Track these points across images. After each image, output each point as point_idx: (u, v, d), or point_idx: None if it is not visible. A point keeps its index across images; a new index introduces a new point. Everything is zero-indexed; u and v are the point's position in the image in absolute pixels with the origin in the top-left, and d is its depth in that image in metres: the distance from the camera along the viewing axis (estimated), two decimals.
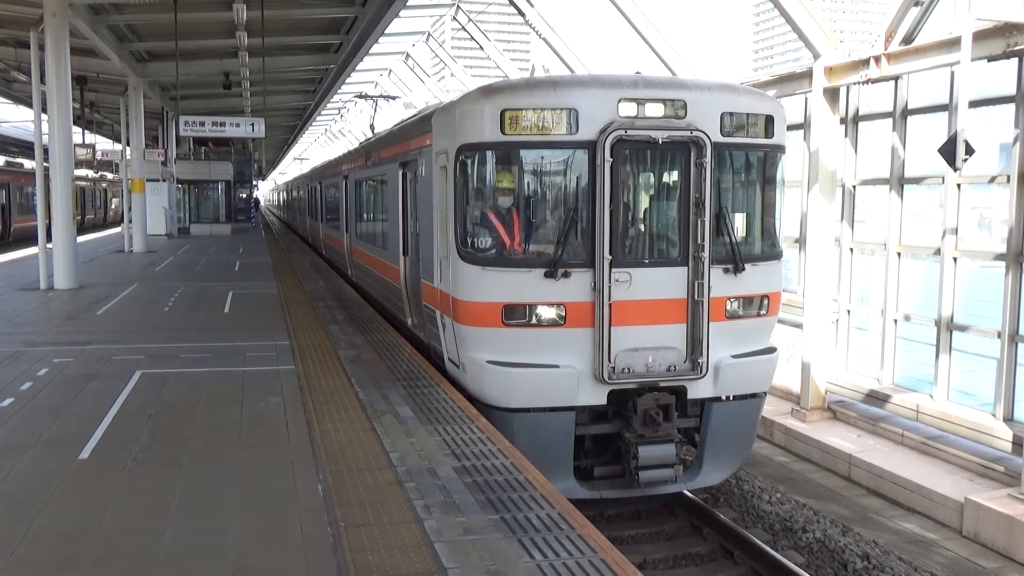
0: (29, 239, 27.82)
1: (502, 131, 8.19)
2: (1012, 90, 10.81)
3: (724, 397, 8.83)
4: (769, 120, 8.88)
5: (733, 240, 8.70)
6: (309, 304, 15.35)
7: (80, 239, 23.75)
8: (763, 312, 9.06)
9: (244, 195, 49.14)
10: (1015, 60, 10.56)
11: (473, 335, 8.61)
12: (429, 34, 33.33)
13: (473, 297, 8.51)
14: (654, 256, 8.67)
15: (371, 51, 28.40)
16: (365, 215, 17.19)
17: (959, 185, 11.68)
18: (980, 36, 10.12)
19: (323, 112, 49.59)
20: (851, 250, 13.96)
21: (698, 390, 8.69)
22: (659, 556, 8.67)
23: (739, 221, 9.05)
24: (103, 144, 46.34)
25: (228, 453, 6.98)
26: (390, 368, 9.89)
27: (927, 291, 12.62)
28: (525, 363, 8.32)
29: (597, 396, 8.45)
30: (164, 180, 36.51)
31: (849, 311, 14.04)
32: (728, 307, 8.74)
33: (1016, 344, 10.86)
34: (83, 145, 35.01)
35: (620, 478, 8.74)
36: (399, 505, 5.68)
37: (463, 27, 28.67)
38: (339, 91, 39.21)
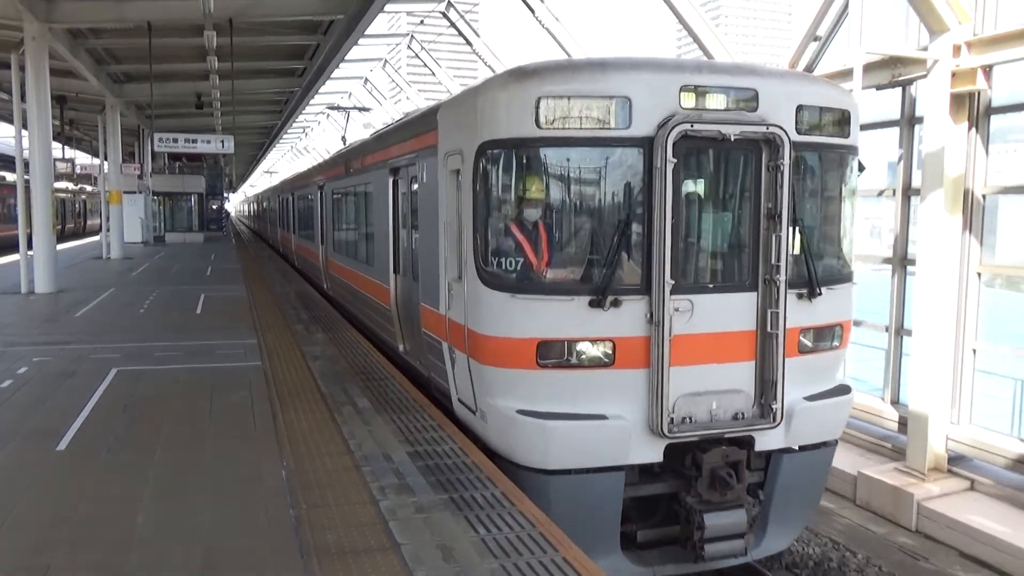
0: (11, 247, 26.85)
1: (537, 124, 6.06)
2: (897, 115, 11.16)
3: (794, 447, 6.78)
4: (846, 116, 6.84)
5: (810, 259, 6.62)
6: (276, 306, 15.09)
7: (60, 247, 23.00)
8: (836, 344, 6.99)
9: (216, 206, 48.22)
10: (899, 89, 10.91)
11: (498, 378, 6.40)
12: (386, 61, 33.12)
13: (499, 331, 6.30)
14: (718, 280, 6.55)
15: (332, 76, 28.13)
16: (344, 227, 14.60)
17: None
18: (869, 68, 10.42)
19: (289, 130, 48.94)
20: None
21: (768, 441, 6.56)
22: None
23: (812, 236, 6.93)
24: (82, 159, 44.99)
25: (199, 443, 6.81)
26: (350, 363, 9.77)
27: None
28: (565, 413, 6.15)
29: (652, 452, 6.29)
30: (140, 192, 35.67)
31: None
32: (801, 340, 6.66)
33: (901, 337, 11.20)
34: (63, 160, 34.00)
35: (673, 545, 6.67)
36: (356, 487, 5.61)
37: (416, 55, 28.56)
38: (304, 111, 38.72)
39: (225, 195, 57.93)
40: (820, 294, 6.64)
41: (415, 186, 8.68)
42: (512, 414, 6.25)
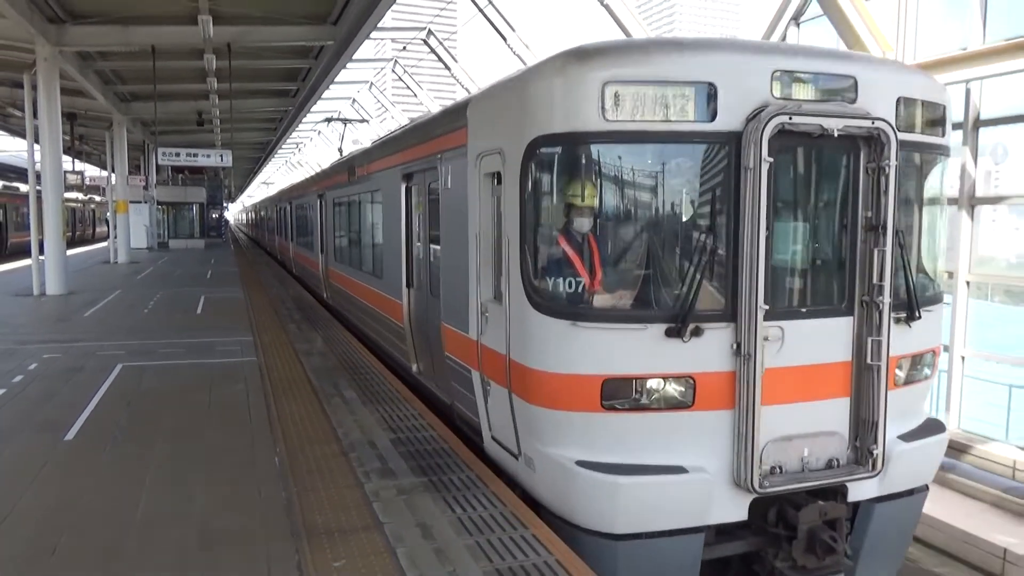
0: (25, 252, 26.29)
1: (602, 115, 4.60)
2: None
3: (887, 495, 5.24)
4: (943, 113, 5.43)
5: (910, 277, 5.19)
6: (272, 308, 14.92)
7: (70, 252, 22.58)
8: (928, 374, 5.59)
9: (216, 215, 47.74)
10: None
11: (553, 422, 4.88)
12: (372, 83, 32.99)
13: (555, 367, 4.81)
14: (810, 303, 5.04)
15: (323, 96, 27.96)
16: (347, 237, 12.85)
17: None
18: None
19: (283, 146, 48.52)
20: None
21: (862, 490, 5.06)
22: None
23: (910, 250, 5.44)
24: (92, 171, 44.26)
25: (197, 432, 6.70)
26: (339, 360, 9.68)
27: None
28: (635, 466, 4.68)
29: (736, 509, 4.82)
30: (146, 202, 35.20)
31: None
32: (896, 371, 5.21)
33: None
34: (73, 172, 33.40)
35: None
36: (343, 472, 5.55)
37: (400, 78, 28.47)
38: (297, 128, 38.40)
39: (224, 205, 57.30)
40: (919, 317, 5.18)
41: (435, 193, 7.17)
42: (570, 466, 4.74)
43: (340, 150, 26.34)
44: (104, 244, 38.41)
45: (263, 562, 4.27)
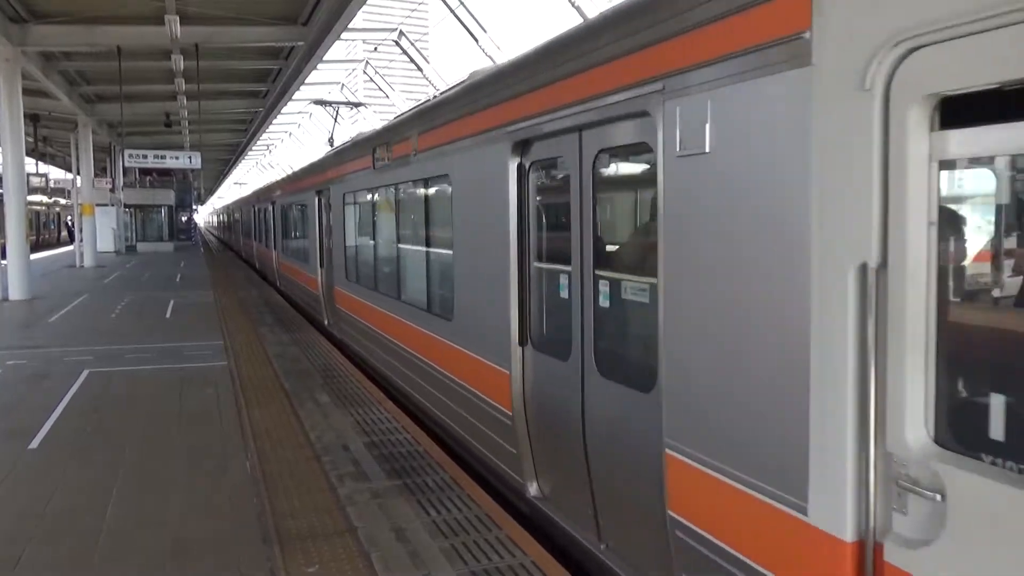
0: None
1: None
2: None
3: None
4: None
5: None
6: (242, 310, 14.74)
7: (35, 256, 22.08)
8: None
9: (185, 218, 47.13)
10: None
11: None
12: (343, 84, 32.80)
13: None
14: None
15: (294, 98, 27.71)
16: (375, 247, 9.26)
17: None
18: None
19: (254, 147, 48.01)
20: None
21: None
22: None
23: None
24: (57, 174, 43.40)
25: (167, 438, 6.58)
26: (312, 363, 9.59)
27: None
28: None
29: None
30: (113, 205, 34.53)
31: None
32: None
33: None
34: (37, 175, 32.73)
35: None
36: (316, 476, 5.49)
37: (371, 79, 28.33)
38: (267, 130, 37.98)
39: (194, 207, 56.54)
40: None
41: (625, 171, 4.11)
42: None
43: (331, 140, 25.10)
44: (70, 248, 37.60)
45: (235, 569, 4.21)
